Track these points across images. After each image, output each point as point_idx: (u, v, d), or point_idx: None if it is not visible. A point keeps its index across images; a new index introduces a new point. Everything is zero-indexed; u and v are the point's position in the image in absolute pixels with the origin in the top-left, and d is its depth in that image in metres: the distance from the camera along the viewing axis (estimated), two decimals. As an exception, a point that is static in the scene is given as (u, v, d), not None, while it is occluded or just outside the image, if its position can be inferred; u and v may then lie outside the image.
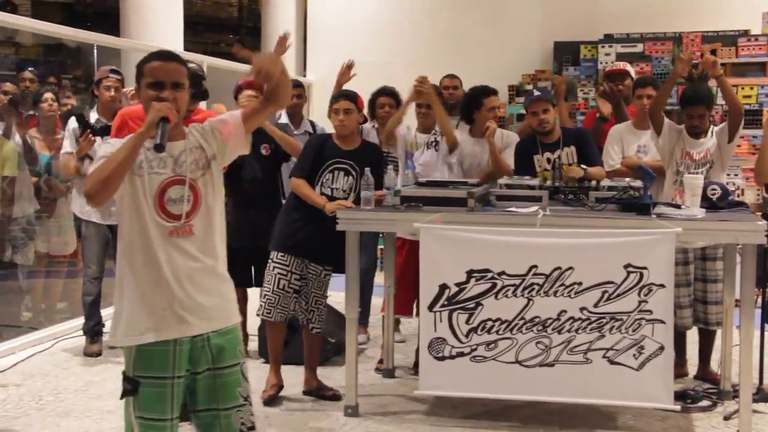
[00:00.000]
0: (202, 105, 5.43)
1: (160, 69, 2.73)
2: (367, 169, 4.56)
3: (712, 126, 5.08)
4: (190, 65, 4.22)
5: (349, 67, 5.99)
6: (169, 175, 2.72)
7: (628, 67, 6.05)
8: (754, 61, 8.36)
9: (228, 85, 5.61)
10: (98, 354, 5.73)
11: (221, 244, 2.85)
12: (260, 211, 5.34)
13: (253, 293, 5.78)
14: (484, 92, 5.32)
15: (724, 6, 8.81)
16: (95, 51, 7.19)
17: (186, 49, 8.54)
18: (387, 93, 5.86)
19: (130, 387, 2.70)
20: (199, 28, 19.10)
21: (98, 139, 5.45)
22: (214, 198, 2.81)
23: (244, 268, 5.40)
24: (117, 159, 2.59)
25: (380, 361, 5.44)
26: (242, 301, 5.72)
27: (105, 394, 4.94)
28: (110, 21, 10.36)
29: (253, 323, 5.73)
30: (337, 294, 5.25)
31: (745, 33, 8.50)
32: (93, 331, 5.80)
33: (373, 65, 6.69)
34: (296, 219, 4.78)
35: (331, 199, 4.71)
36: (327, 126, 5.21)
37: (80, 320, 6.00)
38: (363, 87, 5.51)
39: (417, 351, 4.96)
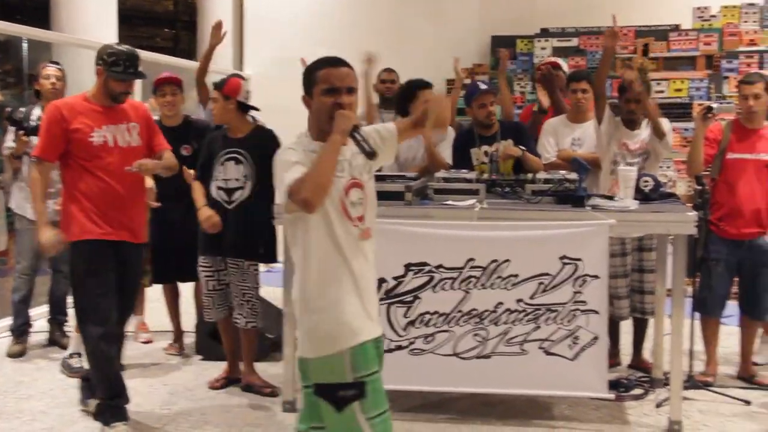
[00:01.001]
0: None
1: (335, 75, 2.72)
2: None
3: (646, 118, 5.18)
4: (125, 46, 4.15)
5: None
6: (348, 178, 2.71)
7: (560, 61, 6.15)
8: (685, 55, 8.53)
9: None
10: (21, 354, 5.59)
11: None
12: (179, 209, 5.29)
13: (184, 288, 5.76)
14: (418, 85, 5.33)
15: (656, 1, 8.98)
16: (25, 45, 7.00)
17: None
18: None
19: (356, 391, 2.64)
20: (134, 22, 18.70)
21: (33, 138, 5.30)
22: (375, 201, 2.83)
23: (170, 264, 5.45)
24: (325, 167, 2.57)
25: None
26: (173, 297, 5.68)
27: (36, 395, 4.82)
28: (41, 14, 10.09)
29: (188, 320, 5.71)
30: (277, 289, 5.20)
31: (676, 27, 8.66)
32: (20, 330, 5.66)
33: (311, 58, 6.65)
34: None
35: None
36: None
37: (8, 320, 5.85)
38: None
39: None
